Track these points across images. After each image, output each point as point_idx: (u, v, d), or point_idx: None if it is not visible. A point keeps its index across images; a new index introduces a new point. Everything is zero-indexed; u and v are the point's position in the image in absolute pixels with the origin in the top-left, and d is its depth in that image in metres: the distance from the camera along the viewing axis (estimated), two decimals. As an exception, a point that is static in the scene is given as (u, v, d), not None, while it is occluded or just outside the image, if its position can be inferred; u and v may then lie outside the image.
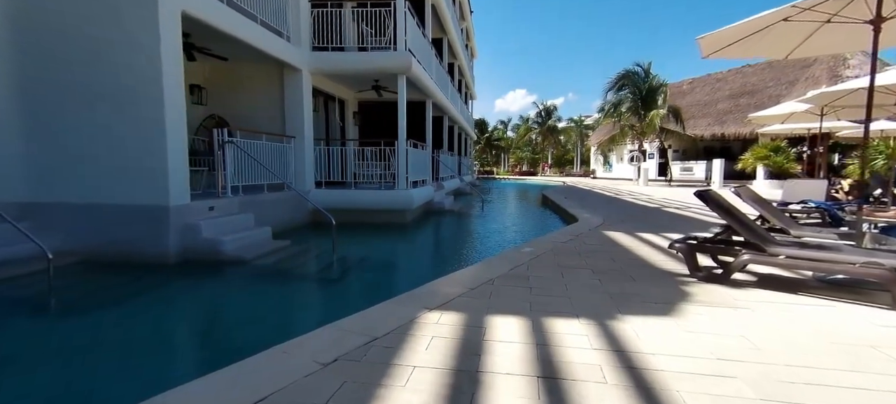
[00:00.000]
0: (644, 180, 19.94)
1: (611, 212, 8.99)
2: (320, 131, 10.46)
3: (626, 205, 10.66)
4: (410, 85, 10.59)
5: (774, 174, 15.06)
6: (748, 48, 4.52)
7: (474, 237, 8.20)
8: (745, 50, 4.57)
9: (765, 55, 6.97)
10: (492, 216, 10.96)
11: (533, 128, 45.48)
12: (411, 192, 8.73)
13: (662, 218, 8.13)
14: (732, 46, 4.48)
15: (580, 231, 6.19)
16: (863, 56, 18.44)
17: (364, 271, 5.51)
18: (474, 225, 9.71)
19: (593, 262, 4.21)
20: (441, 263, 6.13)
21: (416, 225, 9.03)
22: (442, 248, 7.53)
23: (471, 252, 6.70)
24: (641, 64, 20.12)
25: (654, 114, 18.93)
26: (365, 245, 7.14)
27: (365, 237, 7.82)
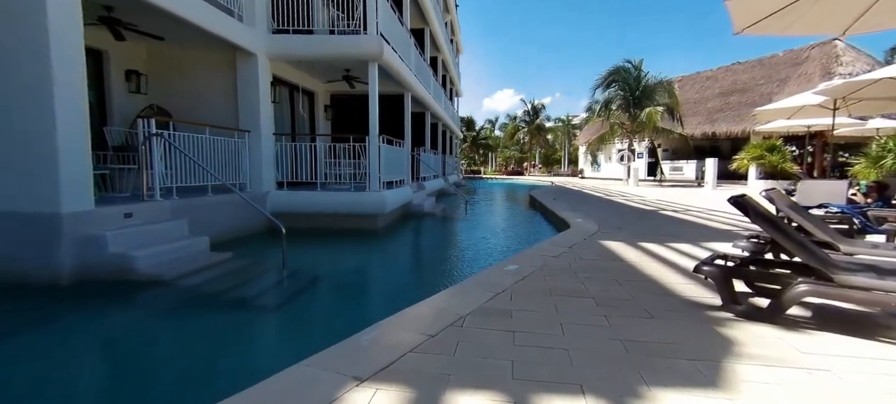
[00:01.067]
0: (634, 180, 19.30)
1: (605, 215, 8.16)
2: (284, 125, 9.41)
3: (620, 208, 9.86)
4: (385, 75, 9.62)
5: (770, 174, 14.49)
6: (790, 22, 3.63)
7: (452, 247, 7.26)
8: (785, 24, 3.68)
9: (812, 32, 5.89)
10: (475, 220, 10.06)
11: (521, 127, 44.80)
12: (384, 195, 7.76)
13: (662, 222, 7.32)
14: (771, 18, 3.60)
15: (574, 241, 5.31)
16: (855, 53, 18.11)
17: (311, 295, 4.51)
18: (454, 231, 8.78)
19: (595, 287, 3.31)
20: (406, 286, 5.00)
21: (390, 230, 8.06)
22: (413, 263, 6.49)
23: (446, 267, 5.73)
24: (632, 61, 19.48)
25: (653, 111, 18.25)
26: (324, 257, 6.14)
27: (327, 247, 6.82)
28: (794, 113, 8.28)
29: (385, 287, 4.99)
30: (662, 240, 5.40)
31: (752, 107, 19.78)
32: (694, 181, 21.52)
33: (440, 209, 11.13)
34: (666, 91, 19.08)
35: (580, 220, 7.22)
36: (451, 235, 8.19)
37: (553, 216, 8.63)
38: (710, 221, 7.34)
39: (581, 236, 5.65)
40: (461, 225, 9.36)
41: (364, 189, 7.93)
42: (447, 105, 20.95)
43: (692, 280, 3.51)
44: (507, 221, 9.77)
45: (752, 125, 18.63)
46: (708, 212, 8.64)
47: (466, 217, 10.67)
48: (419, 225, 9.14)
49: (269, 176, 7.74)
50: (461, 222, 9.78)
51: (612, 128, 20.62)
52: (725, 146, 23.62)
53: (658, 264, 4.14)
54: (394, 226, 8.52)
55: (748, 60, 22.76)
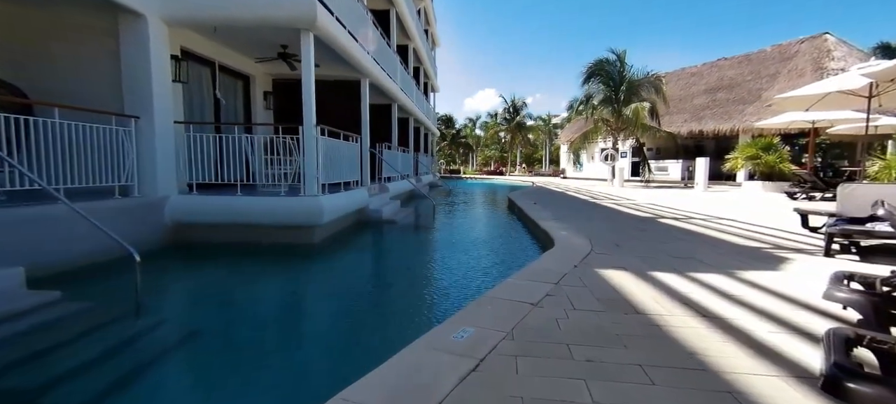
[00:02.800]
0: (620, 181, 18.10)
1: (596, 225, 6.70)
2: (202, 113, 7.62)
3: (611, 215, 8.44)
4: (336, 57, 7.97)
5: (766, 175, 13.42)
6: None
7: (400, 276, 5.42)
8: None
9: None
10: (441, 232, 8.43)
11: (501, 125, 43.53)
12: (320, 201, 6.08)
13: (667, 235, 5.90)
14: None
15: (561, 269, 3.78)
16: (847, 47, 17.37)
17: (147, 375, 2.81)
18: (411, 249, 7.06)
19: (607, 389, 1.76)
20: (290, 365, 2.84)
21: (332, 246, 6.40)
22: (331, 306, 4.09)
23: (373, 320, 3.73)
24: (615, 51, 18.25)
25: (640, 108, 17.03)
26: (213, 292, 4.43)
27: (234, 273, 5.12)
28: (817, 101, 7.02)
29: (261, 365, 3.14)
30: (681, 267, 3.93)
31: (741, 104, 18.89)
32: (680, 182, 20.51)
33: (402, 216, 9.51)
34: (653, 86, 17.92)
35: (566, 234, 5.72)
36: (405, 255, 6.52)
37: (534, 226, 7.12)
38: (725, 233, 5.96)
39: (570, 261, 4.12)
40: (423, 238, 7.74)
41: (298, 192, 6.25)
42: (420, 99, 19.34)
43: (770, 361, 2.01)
44: (479, 234, 8.16)
45: (741, 123, 17.69)
46: (714, 220, 7.29)
47: (433, 226, 9.08)
48: (372, 238, 7.49)
49: (168, 175, 5.97)
50: (424, 234, 8.17)
51: (596, 126, 19.37)
52: (710, 145, 22.78)
53: (697, 320, 2.63)
54: (339, 239, 6.86)
55: (734, 56, 21.92)
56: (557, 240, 5.32)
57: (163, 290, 4.32)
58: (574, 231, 6.02)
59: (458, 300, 3.88)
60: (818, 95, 6.62)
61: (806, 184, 10.49)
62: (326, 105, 9.64)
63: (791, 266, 4.06)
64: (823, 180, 10.31)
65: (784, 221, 7.08)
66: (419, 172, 18.89)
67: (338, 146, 7.32)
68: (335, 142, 7.21)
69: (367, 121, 9.72)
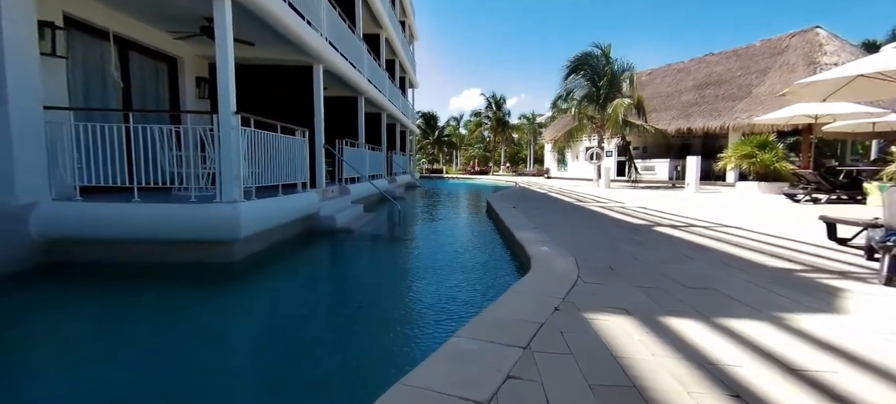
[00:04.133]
0: (606, 181, 17.14)
1: (584, 238, 5.57)
2: (107, 99, 6.23)
3: (599, 221, 7.34)
4: (278, 38, 6.70)
5: (762, 175, 12.55)
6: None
7: (327, 315, 3.96)
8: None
9: None
10: (397, 246, 7.10)
11: (484, 123, 42.50)
12: (238, 210, 4.79)
13: (671, 252, 4.78)
14: None
15: (535, 318, 2.60)
16: (839, 42, 16.73)
17: None
18: (356, 270, 5.46)
19: None
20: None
21: (254, 266, 5.10)
22: (213, 370, 2.83)
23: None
24: (600, 45, 17.27)
25: (618, 104, 16.06)
26: (54, 342, 3.12)
27: (98, 311, 3.79)
28: (839, 89, 6.02)
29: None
30: (704, 307, 2.79)
31: (730, 100, 18.15)
32: (668, 182, 19.71)
33: (362, 224, 8.24)
34: (628, 81, 16.97)
35: (547, 251, 4.56)
36: (344, 281, 5.09)
37: (510, 238, 5.96)
38: (738, 246, 4.89)
39: (549, 298, 2.95)
40: (374, 254, 6.42)
41: (212, 199, 4.95)
42: (395, 94, 18.06)
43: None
44: (444, 248, 6.78)
45: (732, 120, 16.92)
46: (718, 229, 6.24)
47: (394, 236, 7.83)
48: (314, 254, 6.20)
49: (35, 176, 4.59)
50: (379, 248, 6.89)
51: (580, 124, 18.37)
52: (696, 143, 22.08)
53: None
54: (275, 253, 5.57)
55: (723, 51, 21.23)
56: (536, 260, 4.14)
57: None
58: (557, 246, 4.86)
59: (395, 356, 2.68)
60: (846, 78, 5.61)
61: (810, 186, 9.61)
62: (269, 94, 8.34)
63: (851, 302, 2.96)
64: (829, 181, 9.43)
65: (799, 229, 6.07)
66: (394, 172, 17.63)
67: (275, 141, 6.03)
68: (271, 136, 5.92)
69: (322, 113, 8.44)
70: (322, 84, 8.42)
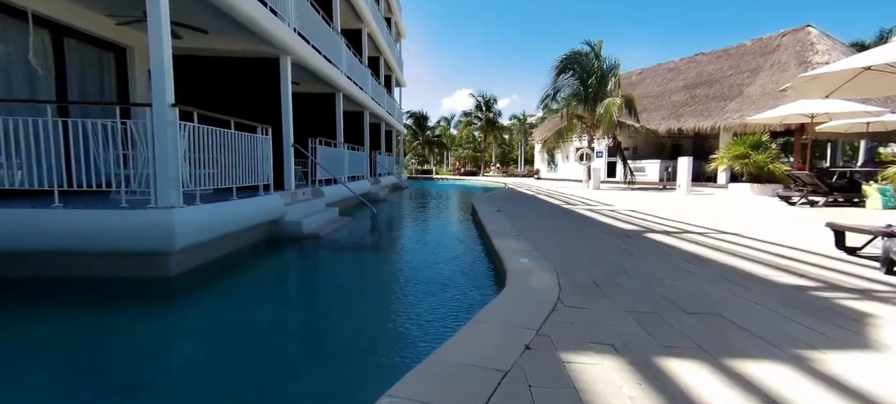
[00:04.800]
0: (595, 182, 16.71)
1: (569, 247, 5.04)
2: (36, 88, 5.56)
3: (587, 226, 6.83)
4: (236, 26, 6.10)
5: (755, 177, 12.18)
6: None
7: (228, 364, 3.70)
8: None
9: None
10: (366, 256, 6.45)
11: (474, 123, 42.04)
12: (172, 217, 4.17)
13: (666, 263, 4.27)
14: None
15: (500, 362, 2.05)
16: (830, 41, 16.50)
17: None
18: (295, 295, 4.56)
19: None
20: None
21: (197, 281, 4.47)
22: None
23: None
24: (591, 42, 16.83)
25: (610, 104, 15.62)
26: None
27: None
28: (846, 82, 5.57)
29: None
30: (708, 340, 2.26)
31: (721, 100, 17.85)
32: (659, 183, 19.37)
33: (333, 229, 7.63)
34: (613, 79, 16.53)
35: (526, 263, 4.01)
36: (288, 302, 4.37)
37: (490, 247, 5.41)
38: (739, 256, 4.39)
39: (521, 329, 2.39)
40: (336, 267, 5.74)
41: (148, 203, 4.32)
42: (379, 92, 17.46)
43: None
44: (419, 258, 6.04)
45: (723, 120, 16.60)
46: (715, 235, 5.76)
47: (365, 245, 7.23)
48: (272, 265, 5.59)
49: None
50: (346, 258, 6.25)
51: (570, 123, 17.92)
52: (687, 144, 21.80)
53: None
54: (225, 264, 4.95)
55: (713, 50, 20.95)
56: (512, 276, 3.59)
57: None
58: (538, 257, 4.32)
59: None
60: (853, 71, 5.15)
61: (806, 187, 9.21)
62: (230, 88, 7.70)
63: (883, 332, 2.45)
64: (827, 183, 9.04)
65: (802, 236, 5.60)
66: (378, 174, 17.02)
67: (228, 139, 5.41)
68: (223, 132, 5.30)
69: (290, 109, 7.83)
70: (290, 78, 7.80)
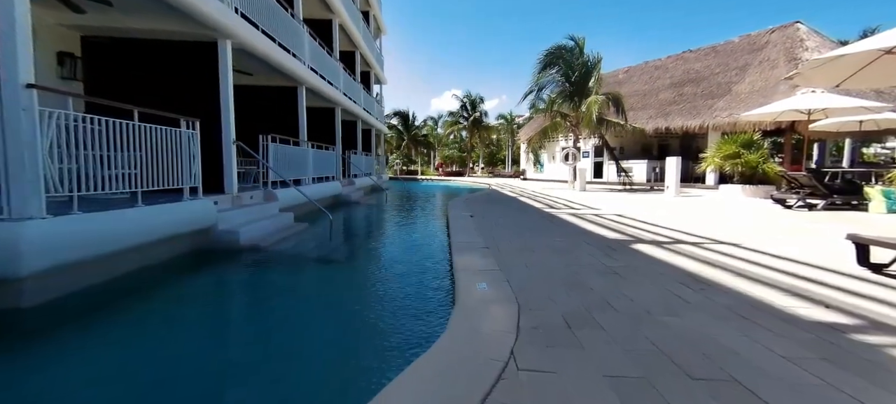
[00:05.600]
0: (581, 183, 15.97)
1: (542, 266, 4.20)
2: None
3: (567, 236, 6.01)
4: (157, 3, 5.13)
5: (747, 178, 11.53)
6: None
7: None
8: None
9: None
10: (304, 276, 5.41)
11: (459, 122, 41.24)
12: (21, 231, 3.20)
13: (661, 290, 3.45)
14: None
15: None
16: (820, 38, 16.05)
17: None
18: (186, 335, 3.63)
19: None
20: None
21: (61, 316, 3.48)
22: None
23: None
24: (575, 37, 16.09)
25: (592, 101, 14.90)
26: None
27: None
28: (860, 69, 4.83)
29: None
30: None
31: (709, 98, 17.30)
32: (647, 184, 18.74)
33: (279, 239, 6.66)
34: (595, 75, 15.82)
35: (485, 292, 3.14)
36: (185, 339, 3.52)
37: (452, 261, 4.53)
38: (745, 276, 3.58)
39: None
40: (262, 292, 4.70)
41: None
42: (354, 88, 16.48)
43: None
44: (366, 278, 4.90)
45: (711, 118, 16.02)
46: (712, 246, 4.97)
47: (311, 259, 6.25)
48: (179, 288, 4.60)
49: None
50: (275, 280, 5.13)
51: (554, 121, 17.17)
52: (674, 144, 21.27)
53: None
54: (113, 291, 3.96)
55: (700, 48, 20.44)
56: (459, 313, 2.72)
57: None
58: (502, 278, 3.45)
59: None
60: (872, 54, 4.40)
61: (803, 189, 8.53)
62: (154, 75, 6.71)
63: None
64: (826, 185, 8.37)
65: (811, 247, 4.83)
66: (353, 174, 16.03)
67: (130, 132, 4.42)
68: (122, 124, 4.31)
69: (230, 100, 6.85)
70: (231, 66, 6.82)
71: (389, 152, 50.01)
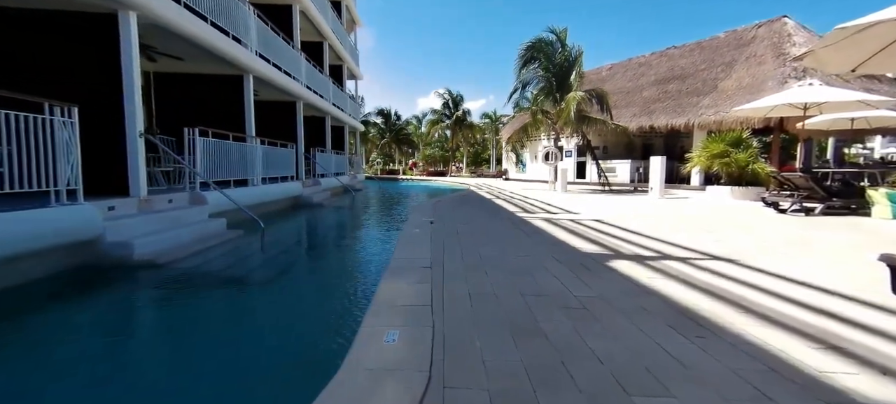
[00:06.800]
0: (562, 184, 15.12)
1: (490, 296, 3.26)
2: None
3: (536, 250, 5.07)
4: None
5: (736, 179, 10.78)
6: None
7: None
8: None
9: None
10: (193, 307, 4.36)
11: (442, 120, 40.25)
12: None
13: (647, 340, 2.50)
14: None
15: None
16: (807, 33, 15.51)
17: None
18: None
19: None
20: None
21: None
22: None
23: None
24: (555, 29, 15.22)
25: (571, 98, 14.04)
26: None
27: None
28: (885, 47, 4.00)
29: None
30: None
31: (695, 95, 16.65)
32: (630, 184, 18.02)
33: (190, 253, 5.54)
34: (577, 69, 15.00)
35: (391, 344, 2.13)
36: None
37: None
38: (760, 314, 2.67)
39: None
40: (121, 332, 3.73)
41: None
42: (320, 82, 15.33)
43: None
44: (266, 309, 3.89)
45: (697, 116, 15.34)
46: (706, 263, 4.07)
47: (216, 282, 5.13)
48: (36, 315, 3.51)
49: None
50: (162, 310, 4.08)
51: (534, 118, 16.28)
52: (658, 143, 20.65)
53: None
54: None
55: (685, 44, 19.81)
56: (334, 390, 1.70)
57: None
58: (425, 318, 2.45)
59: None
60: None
61: (799, 192, 7.76)
62: (32, 54, 5.56)
63: None
64: (825, 187, 7.61)
65: (824, 265, 3.96)
66: (317, 174, 14.88)
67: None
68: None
69: (135, 86, 5.71)
70: (136, 42, 5.68)
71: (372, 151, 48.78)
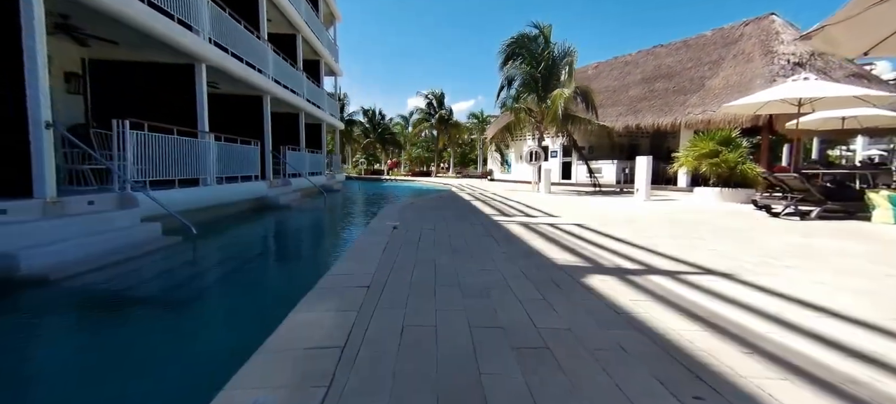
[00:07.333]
0: (546, 185, 14.52)
1: (427, 330, 2.56)
2: None
3: (505, 264, 4.39)
4: None
5: (725, 180, 10.28)
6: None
7: None
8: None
9: None
10: (73, 338, 3.72)
11: (428, 119, 39.58)
12: None
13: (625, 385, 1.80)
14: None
15: None
16: (795, 31, 15.19)
17: None
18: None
19: None
20: None
21: None
22: None
23: None
24: (539, 25, 14.63)
25: (557, 95, 13.47)
26: None
27: None
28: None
29: None
30: None
31: (682, 94, 16.23)
32: (616, 185, 17.53)
33: (101, 264, 4.73)
34: (567, 68, 14.45)
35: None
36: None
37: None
38: (771, 357, 2.02)
39: None
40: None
41: None
42: (292, 76, 14.49)
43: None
44: (148, 346, 3.36)
45: (684, 115, 14.90)
46: (695, 277, 3.43)
47: (120, 304, 4.35)
48: None
49: None
50: (30, 343, 3.40)
51: (517, 117, 15.68)
52: (644, 143, 20.26)
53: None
54: None
55: (672, 42, 19.45)
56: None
57: None
58: (326, 369, 1.72)
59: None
60: None
61: (793, 194, 7.24)
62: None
63: None
64: (822, 189, 7.09)
65: (837, 282, 3.34)
66: (287, 174, 14.03)
67: None
68: None
69: (40, 70, 4.89)
70: (40, 16, 4.85)
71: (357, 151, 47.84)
